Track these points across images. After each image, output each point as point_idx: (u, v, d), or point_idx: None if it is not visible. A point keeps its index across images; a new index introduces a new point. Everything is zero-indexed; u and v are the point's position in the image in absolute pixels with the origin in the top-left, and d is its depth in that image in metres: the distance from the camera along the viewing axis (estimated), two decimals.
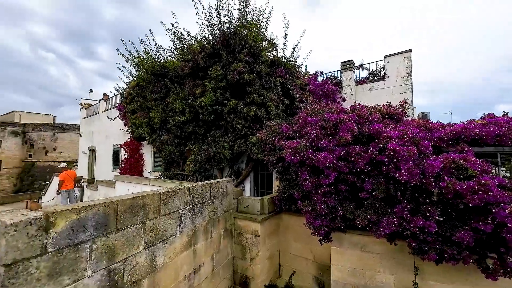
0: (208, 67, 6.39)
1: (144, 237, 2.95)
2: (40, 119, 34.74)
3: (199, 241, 4.07)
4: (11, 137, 27.71)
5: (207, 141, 7.08)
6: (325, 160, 3.53)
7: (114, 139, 12.16)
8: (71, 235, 2.14)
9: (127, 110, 9.47)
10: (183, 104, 7.00)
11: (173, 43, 7.21)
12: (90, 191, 10.79)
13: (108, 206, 2.49)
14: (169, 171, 8.83)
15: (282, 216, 5.54)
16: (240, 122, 5.96)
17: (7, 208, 16.29)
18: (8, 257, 1.73)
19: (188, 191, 3.80)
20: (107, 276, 2.47)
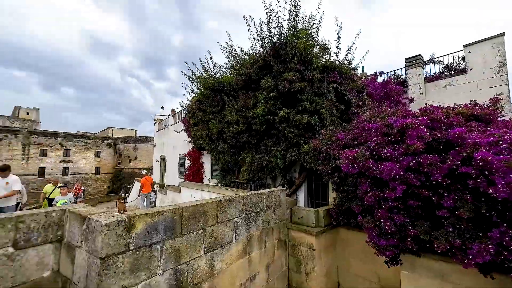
0: (259, 79, 6.61)
1: (204, 242, 3.18)
2: (125, 133, 42.31)
3: (253, 250, 4.14)
4: (106, 148, 34.54)
5: (259, 150, 7.25)
6: (389, 171, 3.14)
7: (180, 149, 13.72)
8: (146, 236, 2.49)
9: (190, 123, 10.60)
10: (237, 115, 7.40)
11: (227, 59, 7.78)
12: (161, 195, 12.37)
13: (175, 212, 2.80)
14: (225, 178, 9.39)
15: (340, 230, 5.14)
16: (292, 131, 5.90)
17: (103, 206, 20.18)
18: (103, 252, 2.13)
19: (242, 200, 3.94)
20: (174, 276, 2.76)
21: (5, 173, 5.01)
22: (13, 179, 5.03)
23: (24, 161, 27.25)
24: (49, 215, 2.48)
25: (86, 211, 2.52)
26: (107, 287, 2.13)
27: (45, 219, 2.46)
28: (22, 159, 27.17)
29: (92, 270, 2.14)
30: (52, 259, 2.49)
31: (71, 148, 31.09)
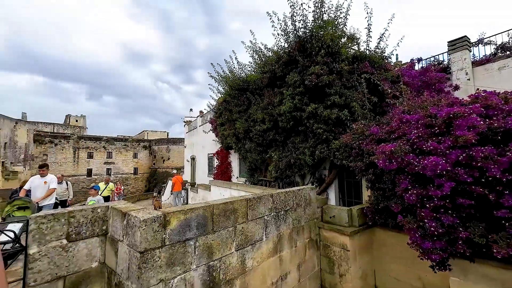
0: (285, 75, 6.49)
1: (235, 240, 3.20)
2: (159, 136, 44.99)
3: (284, 249, 4.07)
4: (142, 150, 37.15)
5: (287, 147, 7.13)
6: (434, 166, 2.83)
7: (208, 149, 14.16)
8: (180, 232, 2.58)
9: (217, 123, 10.86)
10: (263, 113, 7.36)
11: (252, 58, 7.79)
12: (193, 193, 12.91)
13: (206, 209, 2.86)
14: (253, 177, 9.44)
15: (376, 230, 4.82)
16: (321, 127, 5.68)
17: (141, 203, 21.78)
18: (142, 246, 2.25)
19: (271, 198, 3.89)
20: (207, 271, 2.82)
21: (43, 170, 5.09)
22: (50, 178, 5.14)
23: (75, 163, 30.59)
24: (95, 211, 2.71)
25: (126, 207, 2.70)
26: (147, 279, 2.25)
27: (92, 214, 2.69)
28: (73, 161, 30.52)
29: (133, 263, 2.28)
30: (99, 251, 2.72)
31: (113, 150, 34.06)
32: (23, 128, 24.56)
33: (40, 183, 4.95)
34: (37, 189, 4.90)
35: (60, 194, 6.92)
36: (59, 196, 6.77)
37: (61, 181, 7.08)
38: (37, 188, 4.91)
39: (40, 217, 2.34)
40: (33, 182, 4.98)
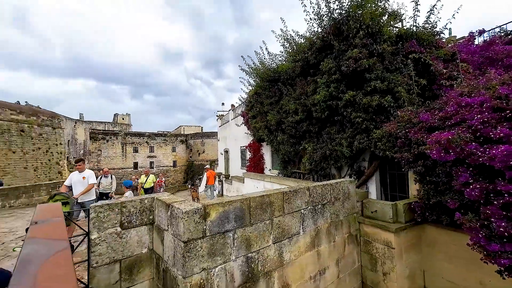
0: (319, 62, 6.14)
1: (272, 233, 3.19)
2: (194, 130, 47.28)
3: (322, 243, 3.95)
4: (180, 144, 39.53)
5: (321, 139, 6.83)
6: (506, 157, 2.40)
7: (241, 141, 14.39)
8: (220, 224, 2.65)
9: (249, 116, 10.90)
10: (295, 104, 7.13)
11: (283, 47, 7.53)
12: (227, 185, 13.35)
13: (243, 202, 2.88)
14: (286, 169, 9.32)
15: (426, 228, 4.38)
16: (360, 115, 5.28)
17: (180, 194, 23.32)
18: (185, 236, 2.36)
19: (308, 191, 3.77)
20: (246, 263, 2.87)
21: (80, 165, 5.00)
22: (89, 173, 5.05)
23: (123, 157, 34.00)
24: (143, 202, 2.93)
25: (170, 199, 2.86)
26: (191, 267, 2.37)
27: (140, 205, 2.91)
28: (122, 155, 33.95)
29: (178, 252, 2.42)
30: (148, 238, 2.95)
31: (154, 145, 36.93)
32: (81, 127, 27.99)
33: (79, 178, 4.93)
34: (76, 185, 4.89)
35: (105, 187, 7.30)
36: (103, 189, 7.23)
37: (108, 174, 7.51)
38: (77, 183, 4.90)
39: (98, 206, 2.61)
40: (73, 177, 4.98)
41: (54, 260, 1.18)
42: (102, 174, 7.61)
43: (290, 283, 3.36)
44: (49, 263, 1.15)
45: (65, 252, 1.28)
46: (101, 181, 7.31)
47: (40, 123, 19.16)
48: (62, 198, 3.76)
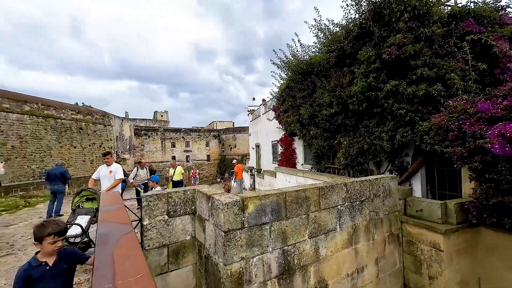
0: (356, 51, 5.79)
1: (308, 228, 3.18)
2: (226, 125, 48.68)
3: (360, 241, 3.81)
4: (213, 139, 41.13)
5: (358, 132, 6.50)
6: None
7: (272, 136, 14.41)
8: (257, 217, 2.74)
9: (280, 110, 10.83)
10: (330, 96, 6.87)
11: (316, 37, 7.25)
12: (259, 179, 13.55)
13: (279, 196, 2.93)
14: (319, 164, 9.10)
15: (482, 231, 3.91)
16: (403, 107, 4.87)
17: (214, 186, 24.43)
18: (225, 226, 2.50)
19: (345, 187, 3.65)
20: (282, 255, 2.93)
21: (108, 159, 4.79)
22: (116, 167, 4.83)
23: (162, 151, 36.68)
24: (186, 193, 3.17)
25: (209, 191, 3.04)
26: (231, 256, 2.51)
27: (183, 195, 3.15)
28: (161, 150, 36.65)
29: (219, 241, 2.57)
30: (190, 227, 3.19)
31: (190, 140, 39.04)
32: (127, 124, 30.87)
33: (106, 172, 4.72)
34: (104, 179, 4.71)
35: (142, 178, 7.79)
36: (141, 180, 7.76)
37: (144, 166, 7.99)
38: (104, 178, 4.71)
39: (148, 196, 2.90)
40: (100, 171, 4.80)
41: (124, 241, 1.37)
42: (138, 166, 8.08)
43: (327, 278, 3.34)
44: (120, 243, 1.34)
45: (131, 234, 1.48)
46: (138, 172, 7.84)
47: (94, 121, 21.68)
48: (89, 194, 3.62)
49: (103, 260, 1.00)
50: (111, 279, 0.73)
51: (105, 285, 0.69)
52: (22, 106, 15.44)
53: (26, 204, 8.69)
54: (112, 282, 0.70)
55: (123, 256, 1.03)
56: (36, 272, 1.67)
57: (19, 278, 1.64)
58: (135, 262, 0.94)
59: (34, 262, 1.71)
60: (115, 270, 0.81)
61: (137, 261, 0.94)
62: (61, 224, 1.76)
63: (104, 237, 1.32)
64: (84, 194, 3.63)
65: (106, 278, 0.74)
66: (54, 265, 1.73)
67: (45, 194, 11.24)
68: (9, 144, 14.37)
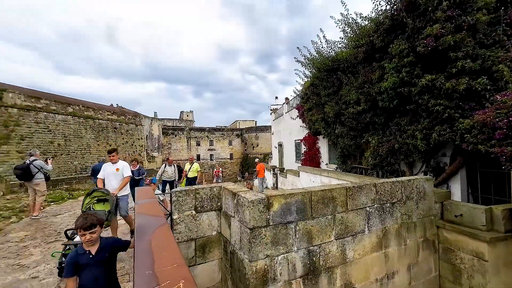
0: (386, 45, 5.47)
1: (334, 229, 3.09)
2: (248, 124, 49.09)
3: (390, 245, 3.61)
4: (236, 138, 41.75)
5: (388, 131, 6.14)
6: None
7: (295, 135, 14.22)
8: (282, 215, 2.73)
9: (304, 108, 10.63)
10: (357, 93, 6.58)
11: (343, 33, 6.98)
12: (282, 178, 13.46)
13: (305, 195, 2.88)
14: (345, 163, 8.78)
15: None
16: (441, 103, 4.49)
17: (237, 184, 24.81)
18: (251, 223, 2.53)
19: (375, 188, 3.48)
20: (307, 255, 2.88)
21: (113, 156, 4.45)
22: (122, 165, 4.50)
23: (188, 150, 38.13)
24: (212, 190, 3.26)
25: (235, 188, 3.10)
26: (256, 253, 2.54)
27: (210, 192, 3.25)
28: (187, 148, 38.11)
29: (244, 237, 2.61)
30: (216, 223, 3.28)
31: (213, 139, 40.07)
32: (156, 124, 32.61)
33: (112, 170, 4.40)
34: (110, 178, 4.38)
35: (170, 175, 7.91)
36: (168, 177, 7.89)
37: (171, 164, 8.16)
38: (110, 176, 4.38)
39: (178, 192, 3.04)
40: (105, 169, 4.45)
41: (159, 232, 1.46)
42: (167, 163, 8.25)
43: (354, 282, 3.22)
44: (156, 234, 1.43)
45: (165, 226, 1.57)
46: (166, 169, 7.97)
47: (127, 121, 23.25)
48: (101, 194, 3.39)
49: (142, 249, 1.07)
50: (150, 266, 0.77)
51: (146, 271, 0.73)
52: (66, 108, 17.07)
53: (70, 196, 9.62)
54: (152, 269, 0.75)
55: (159, 247, 1.10)
56: (82, 259, 1.85)
57: (68, 264, 1.83)
58: (171, 252, 0.99)
59: (80, 250, 1.90)
60: (154, 259, 0.86)
61: (173, 252, 0.99)
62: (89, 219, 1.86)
63: (142, 228, 1.41)
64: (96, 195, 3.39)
65: (146, 265, 0.79)
66: (96, 253, 1.89)
67: (85, 188, 12.33)
68: (56, 142, 15.98)
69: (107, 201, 3.35)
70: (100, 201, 3.36)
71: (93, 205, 3.33)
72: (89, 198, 3.39)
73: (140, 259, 0.89)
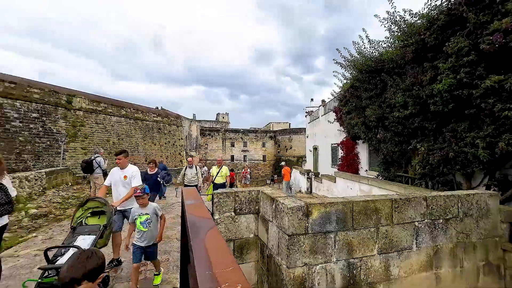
0: (441, 43, 4.96)
1: (378, 242, 2.92)
2: (282, 126, 48.88)
3: (443, 266, 3.26)
4: (269, 140, 41.91)
5: (442, 137, 5.54)
6: None
7: (332, 138, 13.70)
8: (321, 224, 2.68)
9: (343, 111, 10.20)
10: (404, 96, 6.08)
11: (389, 32, 6.53)
12: (316, 183, 13.08)
13: (346, 205, 2.79)
14: (388, 171, 8.16)
15: None
16: (510, 107, 3.90)
17: (268, 187, 24.85)
18: (289, 230, 2.54)
19: (425, 202, 3.19)
20: (347, 267, 2.78)
21: (120, 159, 3.73)
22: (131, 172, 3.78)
23: (223, 150, 39.54)
24: (251, 193, 3.36)
25: (273, 193, 3.15)
26: (294, 260, 2.54)
27: (248, 195, 3.35)
28: (222, 149, 39.54)
29: (282, 243, 2.63)
30: (254, 226, 3.36)
31: (247, 140, 40.86)
32: (194, 125, 34.62)
33: (119, 177, 3.74)
34: (117, 185, 3.74)
35: (190, 179, 6.60)
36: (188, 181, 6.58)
37: (192, 164, 6.76)
38: (117, 184, 3.74)
39: (219, 193, 3.21)
40: (113, 175, 3.80)
41: (210, 234, 1.57)
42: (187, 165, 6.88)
43: None
44: (208, 235, 1.55)
45: (215, 228, 1.68)
46: (186, 172, 6.69)
47: (169, 123, 25.17)
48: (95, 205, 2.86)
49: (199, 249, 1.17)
50: (209, 267, 0.85)
51: (205, 271, 0.80)
52: (120, 110, 19.20)
53: None
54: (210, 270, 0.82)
55: (213, 249, 1.18)
56: None
57: None
58: (224, 255, 1.06)
59: None
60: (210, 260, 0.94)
61: (226, 255, 1.07)
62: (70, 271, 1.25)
63: (194, 228, 1.54)
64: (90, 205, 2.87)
65: (204, 266, 0.87)
66: None
67: None
68: (111, 140, 18.09)
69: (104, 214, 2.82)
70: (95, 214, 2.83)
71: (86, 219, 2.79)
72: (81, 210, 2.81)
73: (198, 258, 0.99)
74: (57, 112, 14.48)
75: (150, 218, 3.12)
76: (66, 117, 14.98)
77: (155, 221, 3.21)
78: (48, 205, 7.44)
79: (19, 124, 12.44)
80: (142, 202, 3.11)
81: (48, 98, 14.09)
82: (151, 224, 3.11)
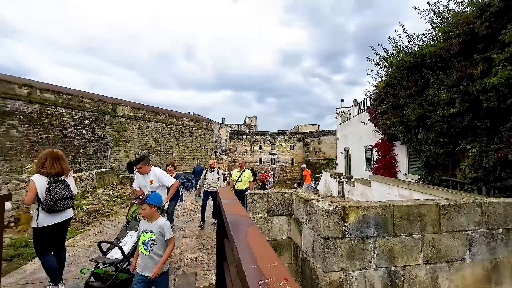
0: (495, 32, 4.43)
1: (423, 251, 2.70)
2: (310, 128, 47.82)
3: (504, 282, 2.88)
4: (297, 142, 41.30)
5: (497, 137, 4.92)
6: None
7: (366, 140, 13.00)
8: (359, 228, 2.57)
9: (378, 111, 9.64)
10: (450, 93, 5.54)
11: (430, 23, 6.03)
12: (349, 187, 12.51)
13: (386, 209, 2.63)
14: (431, 175, 7.46)
15: None
16: None
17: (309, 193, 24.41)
18: (325, 233, 2.49)
19: (479, 209, 2.86)
20: (388, 276, 2.61)
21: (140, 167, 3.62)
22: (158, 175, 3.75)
23: (251, 153, 40.04)
24: (283, 195, 3.36)
25: (306, 195, 3.11)
26: (330, 264, 2.48)
27: (281, 197, 3.36)
28: (250, 151, 40.05)
29: (317, 246, 2.59)
30: (286, 228, 3.35)
31: (275, 143, 40.79)
32: (223, 129, 35.70)
33: (145, 183, 3.73)
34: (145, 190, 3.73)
35: (211, 184, 6.00)
36: (209, 187, 6.01)
37: (213, 167, 6.14)
38: (144, 189, 3.75)
39: (252, 194, 3.28)
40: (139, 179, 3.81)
41: (250, 231, 1.63)
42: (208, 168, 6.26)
43: None
44: (249, 233, 1.60)
45: (254, 226, 1.74)
46: (207, 176, 6.08)
47: (200, 127, 26.37)
48: None
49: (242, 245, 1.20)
50: (254, 262, 0.88)
51: (251, 266, 0.84)
52: (157, 116, 20.67)
53: None
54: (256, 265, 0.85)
55: (255, 245, 1.22)
56: None
57: None
58: (266, 252, 1.09)
59: None
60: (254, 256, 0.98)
61: (268, 251, 1.09)
62: None
63: (235, 225, 1.60)
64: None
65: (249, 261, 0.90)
66: None
67: None
68: (149, 144, 19.54)
69: None
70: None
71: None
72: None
73: (243, 253, 1.03)
74: (104, 119, 16.16)
75: (154, 239, 2.36)
76: (111, 124, 16.63)
77: (160, 244, 2.39)
78: (98, 202, 8.31)
79: (74, 131, 14.16)
80: (143, 214, 2.42)
81: (97, 107, 15.81)
82: (154, 248, 2.35)
